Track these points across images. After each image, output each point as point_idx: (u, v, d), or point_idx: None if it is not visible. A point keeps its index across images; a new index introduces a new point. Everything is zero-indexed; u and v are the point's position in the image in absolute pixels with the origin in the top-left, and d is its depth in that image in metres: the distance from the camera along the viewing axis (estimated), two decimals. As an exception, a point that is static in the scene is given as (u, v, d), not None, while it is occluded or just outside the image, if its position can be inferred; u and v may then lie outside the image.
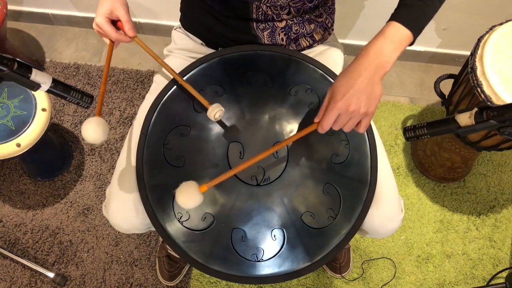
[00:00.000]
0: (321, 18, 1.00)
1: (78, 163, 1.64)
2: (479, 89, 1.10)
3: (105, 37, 0.92)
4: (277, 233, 0.84)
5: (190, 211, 0.85)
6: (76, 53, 1.88)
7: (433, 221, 1.58)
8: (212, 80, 0.93)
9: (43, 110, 1.32)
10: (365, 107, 0.74)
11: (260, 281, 0.83)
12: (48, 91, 0.69)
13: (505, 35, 1.13)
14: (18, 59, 0.64)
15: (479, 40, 1.16)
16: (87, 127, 0.78)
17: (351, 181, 0.88)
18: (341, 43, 1.13)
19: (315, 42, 1.04)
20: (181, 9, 1.08)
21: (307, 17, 0.97)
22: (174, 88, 0.93)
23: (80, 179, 1.62)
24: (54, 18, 1.89)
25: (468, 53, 1.25)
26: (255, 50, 0.96)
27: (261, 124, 0.90)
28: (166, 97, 0.93)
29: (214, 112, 0.84)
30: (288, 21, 0.95)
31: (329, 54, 1.05)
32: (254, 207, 0.85)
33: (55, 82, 0.69)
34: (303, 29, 0.98)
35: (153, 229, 0.87)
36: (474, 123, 0.65)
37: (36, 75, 0.66)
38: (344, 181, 0.88)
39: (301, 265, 0.84)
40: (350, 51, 1.84)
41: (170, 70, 0.91)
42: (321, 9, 0.99)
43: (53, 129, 1.70)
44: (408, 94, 1.82)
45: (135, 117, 1.00)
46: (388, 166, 0.95)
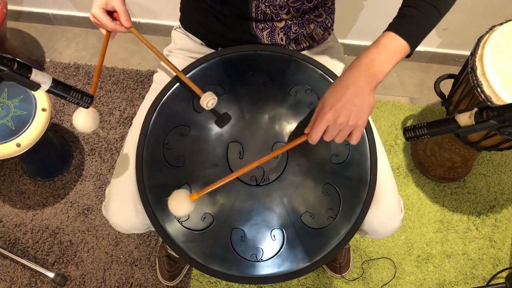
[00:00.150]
0: (321, 18, 1.00)
1: (78, 163, 1.64)
2: (479, 89, 1.10)
3: (102, 28, 0.93)
4: (277, 233, 0.84)
5: (190, 211, 0.85)
6: (76, 53, 1.88)
7: (433, 221, 1.58)
8: (212, 80, 0.93)
9: (43, 110, 1.32)
10: (354, 119, 0.72)
11: (260, 281, 0.83)
12: (48, 91, 0.69)
13: (505, 35, 1.13)
14: (18, 59, 0.64)
15: (479, 40, 1.15)
16: (77, 116, 0.82)
17: (350, 181, 0.88)
18: (341, 43, 1.13)
19: (314, 42, 1.04)
20: (181, 9, 1.08)
21: (307, 17, 0.97)
22: (174, 88, 0.93)
23: (80, 179, 1.62)
24: (54, 18, 1.89)
25: (468, 53, 1.25)
26: (255, 50, 0.96)
27: (260, 124, 0.90)
28: (166, 97, 0.93)
29: (206, 100, 0.85)
30: (288, 21, 0.95)
31: (329, 54, 1.05)
32: (254, 207, 0.85)
33: (55, 82, 0.69)
34: (302, 29, 0.98)
35: (153, 229, 0.87)
36: (474, 123, 0.65)
37: (36, 75, 0.66)
38: (344, 181, 0.88)
39: (300, 265, 0.83)
40: (350, 51, 1.84)
41: (163, 58, 0.93)
42: (320, 9, 0.99)
43: (53, 129, 1.70)
44: (408, 94, 1.82)
45: (135, 117, 1.00)
46: (387, 166, 0.95)
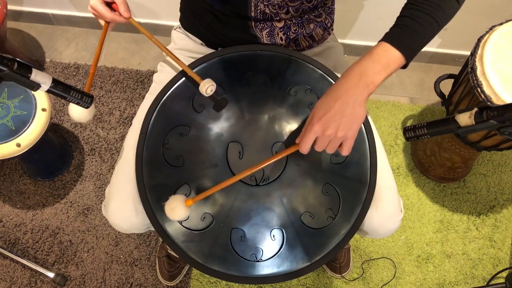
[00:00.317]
0: (321, 18, 1.00)
1: (78, 163, 1.64)
2: (479, 89, 1.10)
3: (100, 19, 0.93)
4: (276, 233, 0.84)
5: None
6: (76, 53, 1.88)
7: (433, 221, 1.58)
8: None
9: (43, 110, 1.32)
10: (343, 131, 0.71)
11: (260, 281, 0.83)
12: (48, 91, 0.69)
13: (505, 35, 1.13)
14: (18, 59, 0.64)
15: (479, 40, 1.15)
16: (73, 105, 0.82)
17: (350, 181, 0.88)
18: (341, 43, 1.13)
19: (314, 42, 1.03)
20: (181, 9, 1.08)
21: (306, 17, 0.97)
22: (174, 88, 0.93)
23: (80, 179, 1.62)
24: (54, 18, 1.89)
25: (468, 53, 1.25)
26: (254, 50, 0.96)
27: (260, 124, 0.90)
28: (166, 97, 0.93)
29: (205, 87, 0.86)
30: (287, 21, 0.95)
31: (328, 54, 1.05)
32: (253, 207, 0.85)
33: (55, 82, 0.69)
34: (302, 29, 0.98)
35: (153, 229, 0.87)
36: (474, 123, 0.65)
37: (36, 75, 0.66)
38: (344, 181, 0.88)
39: (300, 265, 0.83)
40: (350, 51, 1.84)
41: (161, 46, 0.94)
42: (320, 9, 0.99)
43: (53, 129, 1.70)
44: (408, 94, 1.82)
45: (135, 117, 1.00)
46: (387, 166, 0.95)
